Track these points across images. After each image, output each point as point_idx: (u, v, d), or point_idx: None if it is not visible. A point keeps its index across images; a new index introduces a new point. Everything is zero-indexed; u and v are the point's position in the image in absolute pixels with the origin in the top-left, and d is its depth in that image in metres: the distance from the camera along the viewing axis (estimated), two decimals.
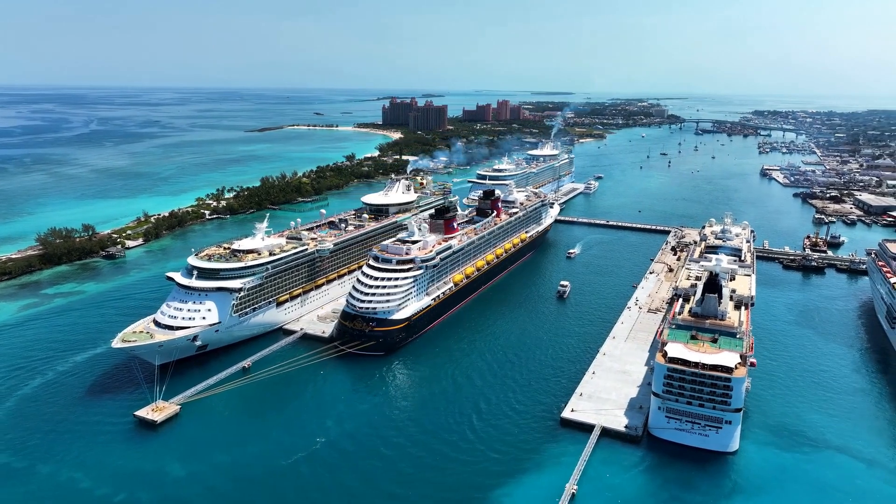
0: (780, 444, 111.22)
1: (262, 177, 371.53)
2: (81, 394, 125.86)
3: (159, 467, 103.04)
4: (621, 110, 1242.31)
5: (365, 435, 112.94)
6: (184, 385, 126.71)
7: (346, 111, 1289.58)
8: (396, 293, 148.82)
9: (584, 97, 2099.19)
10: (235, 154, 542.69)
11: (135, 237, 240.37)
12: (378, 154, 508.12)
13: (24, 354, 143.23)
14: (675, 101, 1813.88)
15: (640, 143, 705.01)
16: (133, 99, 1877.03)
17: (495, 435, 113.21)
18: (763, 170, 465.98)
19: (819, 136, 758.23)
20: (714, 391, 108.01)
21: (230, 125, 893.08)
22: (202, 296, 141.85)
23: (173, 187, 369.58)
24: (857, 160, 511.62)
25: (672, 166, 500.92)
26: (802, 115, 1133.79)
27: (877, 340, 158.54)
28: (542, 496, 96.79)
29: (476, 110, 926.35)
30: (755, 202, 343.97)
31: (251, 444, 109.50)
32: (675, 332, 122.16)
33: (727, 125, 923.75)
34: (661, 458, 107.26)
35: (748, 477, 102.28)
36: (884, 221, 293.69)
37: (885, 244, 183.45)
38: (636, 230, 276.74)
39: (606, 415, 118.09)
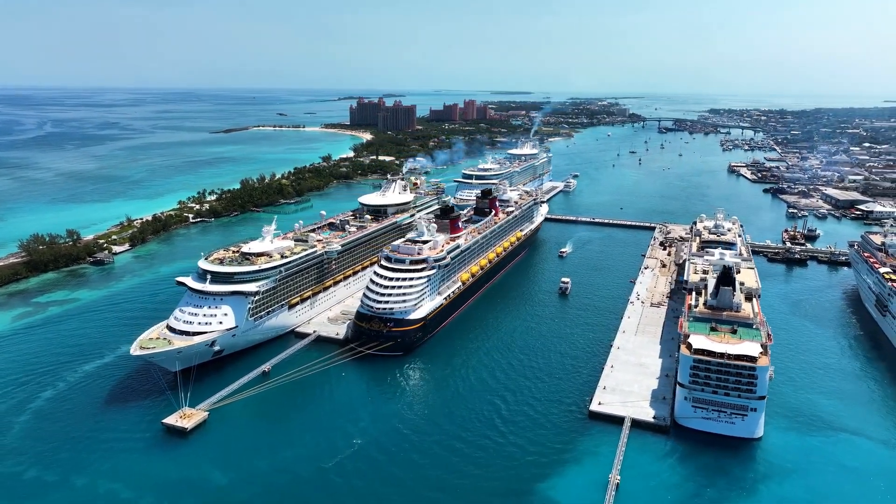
0: (800, 429, 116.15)
1: (237, 178, 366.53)
2: (100, 404, 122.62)
3: (199, 475, 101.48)
4: (584, 109, 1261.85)
5: (400, 436, 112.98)
6: (206, 391, 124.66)
7: (310, 112, 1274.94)
8: (412, 293, 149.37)
9: (542, 96, 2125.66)
10: (205, 156, 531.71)
11: (120, 242, 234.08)
12: (353, 155, 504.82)
13: (29, 366, 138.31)
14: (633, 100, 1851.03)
15: (608, 141, 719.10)
16: (84, 100, 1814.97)
17: (527, 431, 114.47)
18: (730, 167, 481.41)
19: (776, 134, 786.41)
20: (739, 380, 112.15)
21: (193, 126, 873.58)
22: (217, 300, 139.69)
23: (148, 191, 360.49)
24: (815, 156, 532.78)
25: (643, 164, 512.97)
26: (757, 114, 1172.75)
27: (868, 328, 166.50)
28: (586, 488, 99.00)
29: (443, 110, 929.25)
30: (729, 198, 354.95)
31: (288, 448, 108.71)
32: (694, 324, 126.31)
33: (688, 123, 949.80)
34: (691, 446, 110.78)
35: (776, 461, 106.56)
36: (852, 215, 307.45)
37: (867, 236, 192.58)
38: (622, 227, 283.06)
39: (633, 407, 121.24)
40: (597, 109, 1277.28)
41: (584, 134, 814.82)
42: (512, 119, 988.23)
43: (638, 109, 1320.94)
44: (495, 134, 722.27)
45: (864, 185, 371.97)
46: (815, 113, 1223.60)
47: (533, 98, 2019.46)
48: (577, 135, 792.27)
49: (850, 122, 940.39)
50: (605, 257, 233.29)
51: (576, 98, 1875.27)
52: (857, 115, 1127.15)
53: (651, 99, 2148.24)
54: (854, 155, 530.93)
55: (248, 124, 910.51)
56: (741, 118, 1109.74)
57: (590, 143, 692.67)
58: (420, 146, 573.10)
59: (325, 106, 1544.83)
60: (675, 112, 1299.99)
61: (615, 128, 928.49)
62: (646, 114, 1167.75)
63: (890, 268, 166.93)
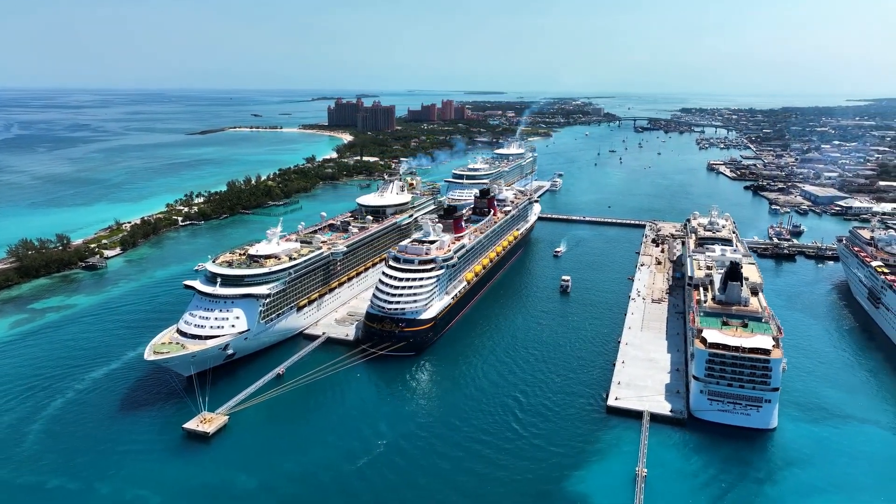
0: (811, 419, 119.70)
1: (220, 181, 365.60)
2: (115, 410, 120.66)
3: (228, 479, 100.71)
4: (560, 109, 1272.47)
5: (421, 437, 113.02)
6: (222, 395, 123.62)
7: (285, 112, 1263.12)
8: (423, 293, 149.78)
9: (516, 96, 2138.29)
10: (184, 158, 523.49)
11: (111, 246, 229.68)
12: (336, 156, 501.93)
13: (34, 374, 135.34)
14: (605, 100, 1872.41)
15: (586, 140, 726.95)
16: (49, 101, 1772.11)
17: (547, 428, 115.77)
18: (710, 164, 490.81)
19: (748, 132, 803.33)
20: (754, 372, 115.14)
21: (167, 128, 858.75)
22: (229, 303, 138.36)
23: (130, 194, 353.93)
24: (789, 154, 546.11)
25: (624, 163, 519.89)
26: (727, 112, 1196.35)
27: (860, 319, 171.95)
28: (615, 481, 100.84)
29: (421, 110, 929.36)
30: (712, 196, 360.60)
31: (312, 450, 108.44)
32: (705, 319, 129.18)
33: (662, 122, 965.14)
34: (709, 438, 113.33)
35: (792, 450, 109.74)
36: (832, 211, 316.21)
37: (856, 231, 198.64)
38: (612, 225, 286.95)
39: (648, 401, 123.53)
40: (572, 109, 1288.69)
41: (561, 133, 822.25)
42: (489, 119, 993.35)
43: (611, 109, 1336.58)
44: (475, 134, 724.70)
45: (840, 181, 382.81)
46: (783, 112, 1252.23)
47: (507, 98, 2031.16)
48: (555, 134, 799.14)
49: (817, 120, 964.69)
50: (600, 255, 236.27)
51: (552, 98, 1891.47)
52: (822, 113, 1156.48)
53: (622, 98, 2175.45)
54: (826, 153, 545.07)
55: (224, 125, 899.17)
56: (713, 117, 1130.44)
57: (569, 143, 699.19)
58: (402, 146, 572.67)
59: (300, 107, 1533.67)
60: (647, 111, 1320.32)
61: (592, 127, 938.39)
62: (619, 113, 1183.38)
63: (881, 261, 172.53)
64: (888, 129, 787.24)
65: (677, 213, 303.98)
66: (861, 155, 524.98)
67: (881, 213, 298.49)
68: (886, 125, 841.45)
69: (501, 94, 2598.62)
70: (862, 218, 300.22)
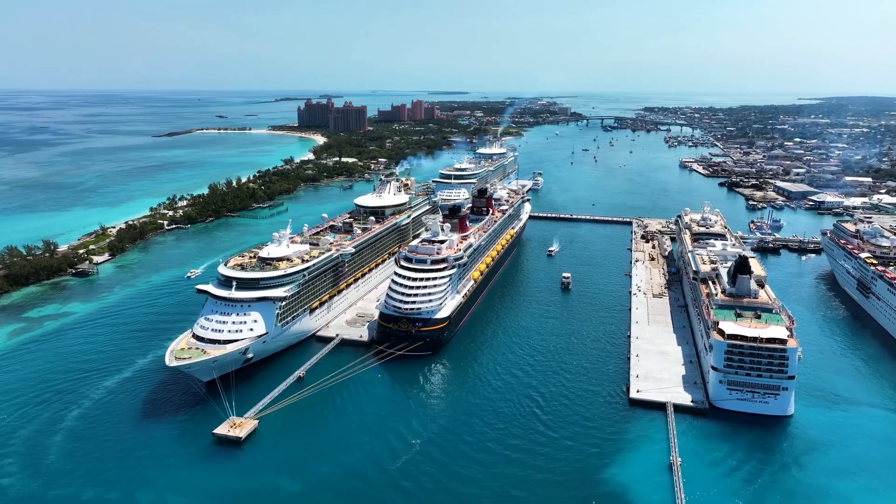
0: (823, 405, 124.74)
1: (198, 183, 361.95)
2: (137, 418, 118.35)
3: (268, 483, 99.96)
4: (527, 109, 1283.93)
5: (452, 435, 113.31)
6: (245, 399, 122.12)
7: (251, 114, 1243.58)
8: (437, 292, 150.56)
9: (479, 96, 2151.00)
10: (155, 161, 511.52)
11: (99, 252, 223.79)
12: (314, 157, 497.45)
13: (43, 384, 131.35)
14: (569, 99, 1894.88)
15: (557, 140, 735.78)
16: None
17: (575, 422, 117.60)
18: (682, 162, 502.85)
19: (711, 130, 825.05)
20: (771, 362, 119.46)
21: (131, 130, 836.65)
22: (245, 307, 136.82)
23: (107, 198, 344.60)
24: (756, 151, 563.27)
25: (598, 161, 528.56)
26: (690, 111, 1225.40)
27: (851, 309, 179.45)
28: (650, 471, 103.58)
29: (391, 110, 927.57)
30: (689, 192, 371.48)
31: (348, 452, 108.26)
32: (719, 311, 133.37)
33: (629, 121, 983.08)
34: (731, 426, 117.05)
35: (812, 435, 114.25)
36: (806, 205, 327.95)
37: (841, 225, 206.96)
38: (600, 222, 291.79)
39: (669, 392, 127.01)
40: (539, 109, 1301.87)
41: (532, 132, 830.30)
42: (459, 119, 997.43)
43: (576, 108, 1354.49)
44: (447, 134, 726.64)
45: (809, 177, 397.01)
46: (741, 110, 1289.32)
47: (471, 98, 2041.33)
48: (526, 133, 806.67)
49: (775, 118, 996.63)
50: (593, 252, 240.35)
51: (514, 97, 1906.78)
52: (778, 112, 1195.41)
53: (586, 98, 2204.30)
54: (790, 149, 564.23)
55: (188, 127, 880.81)
56: (676, 116, 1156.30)
57: (541, 142, 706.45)
58: (378, 147, 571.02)
59: (264, 108, 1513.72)
60: (611, 111, 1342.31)
61: (561, 126, 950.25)
62: (585, 112, 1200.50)
63: (869, 253, 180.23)
64: (842, 126, 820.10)
65: (660, 210, 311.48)
66: (822, 152, 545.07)
67: (852, 207, 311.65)
68: (840, 123, 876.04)
69: (465, 93, 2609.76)
70: (834, 212, 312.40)
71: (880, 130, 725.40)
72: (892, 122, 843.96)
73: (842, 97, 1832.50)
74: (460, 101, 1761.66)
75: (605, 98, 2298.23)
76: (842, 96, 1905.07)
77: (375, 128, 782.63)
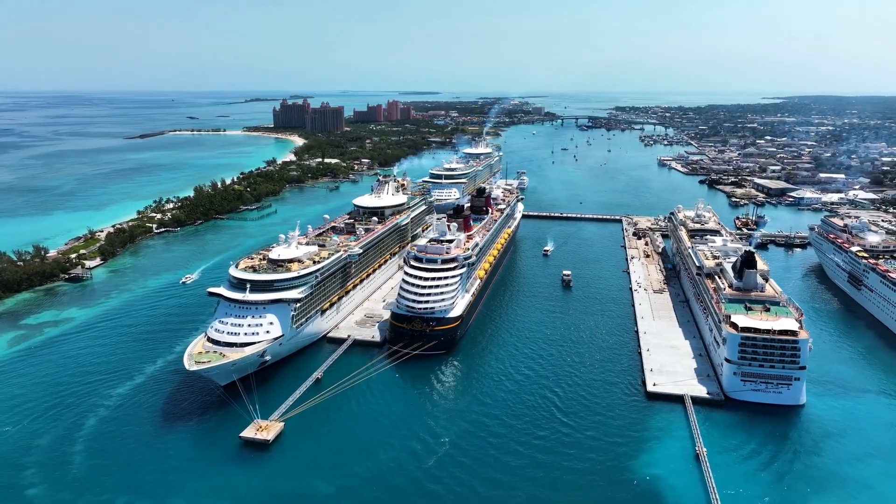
0: (832, 394, 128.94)
1: (180, 186, 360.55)
2: (158, 423, 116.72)
3: (303, 485, 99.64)
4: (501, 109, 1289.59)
5: (478, 436, 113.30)
6: (267, 402, 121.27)
7: (222, 115, 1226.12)
8: (449, 291, 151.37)
9: (451, 96, 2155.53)
10: (132, 163, 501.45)
11: (90, 256, 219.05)
12: (296, 158, 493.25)
13: (53, 392, 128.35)
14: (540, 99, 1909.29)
15: (534, 139, 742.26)
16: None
17: (595, 417, 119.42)
18: (660, 161, 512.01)
19: (683, 129, 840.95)
20: (784, 353, 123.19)
21: (101, 132, 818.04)
22: (261, 309, 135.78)
23: (88, 202, 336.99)
24: (730, 149, 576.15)
25: (579, 161, 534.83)
26: (660, 110, 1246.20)
27: (843, 301, 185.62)
28: (678, 461, 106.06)
29: (367, 111, 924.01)
30: (672, 190, 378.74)
31: (380, 451, 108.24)
32: (730, 305, 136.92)
33: (603, 121, 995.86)
34: (748, 416, 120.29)
35: (825, 423, 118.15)
36: (786, 202, 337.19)
37: (829, 220, 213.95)
38: (590, 220, 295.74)
39: (684, 385, 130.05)
40: (512, 108, 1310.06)
41: (509, 132, 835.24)
42: (434, 119, 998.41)
43: (549, 108, 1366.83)
44: (425, 134, 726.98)
45: (786, 174, 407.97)
46: (709, 109, 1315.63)
47: (442, 98, 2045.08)
48: (504, 133, 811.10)
49: (743, 117, 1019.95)
50: (588, 250, 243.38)
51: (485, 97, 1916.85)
52: (745, 110, 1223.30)
53: (556, 97, 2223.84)
54: (762, 147, 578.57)
55: (158, 129, 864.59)
56: (647, 115, 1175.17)
57: (519, 142, 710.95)
58: (359, 147, 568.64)
59: (234, 108, 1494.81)
60: (582, 110, 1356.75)
61: (536, 126, 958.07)
62: (557, 112, 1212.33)
63: (859, 247, 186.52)
64: (808, 124, 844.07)
65: (646, 208, 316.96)
66: (794, 150, 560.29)
67: (830, 203, 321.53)
68: (807, 121, 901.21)
69: (436, 93, 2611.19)
70: (813, 208, 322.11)
71: (845, 128, 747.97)
72: (854, 121, 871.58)
73: (803, 96, 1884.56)
74: (433, 101, 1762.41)
75: (576, 98, 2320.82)
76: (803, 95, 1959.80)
77: (353, 128, 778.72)
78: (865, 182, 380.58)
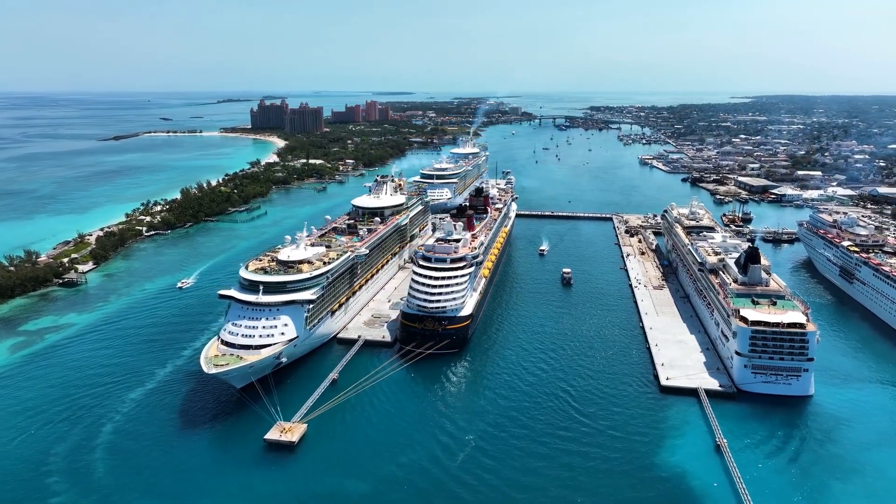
0: (838, 384, 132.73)
1: (161, 188, 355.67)
2: (178, 428, 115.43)
3: (335, 485, 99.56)
4: (475, 108, 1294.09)
5: (499, 435, 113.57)
6: (286, 403, 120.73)
7: (196, 115, 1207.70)
8: (460, 290, 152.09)
9: (426, 96, 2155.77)
10: (110, 165, 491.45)
11: (83, 261, 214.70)
12: (279, 159, 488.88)
13: (63, 399, 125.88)
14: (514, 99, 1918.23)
15: (514, 139, 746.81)
16: None
17: (613, 412, 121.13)
18: (641, 159, 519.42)
19: (658, 128, 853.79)
20: (793, 345, 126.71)
21: (73, 134, 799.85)
22: (274, 311, 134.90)
23: (70, 205, 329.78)
24: (708, 148, 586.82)
25: (561, 160, 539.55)
26: (635, 110, 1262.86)
27: (835, 294, 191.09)
28: (700, 452, 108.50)
29: (346, 111, 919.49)
30: (656, 188, 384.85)
31: (406, 451, 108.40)
32: (737, 300, 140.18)
33: (580, 120, 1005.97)
34: (760, 407, 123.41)
35: (835, 412, 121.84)
36: (769, 199, 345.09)
37: (817, 216, 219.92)
38: (581, 219, 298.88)
39: (696, 378, 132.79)
40: (489, 109, 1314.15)
41: (488, 132, 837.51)
42: (412, 119, 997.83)
43: (525, 108, 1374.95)
44: (405, 135, 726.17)
45: (765, 172, 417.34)
46: (681, 109, 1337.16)
47: (417, 98, 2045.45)
48: (483, 133, 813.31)
49: (716, 116, 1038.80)
50: (583, 249, 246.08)
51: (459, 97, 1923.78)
52: (717, 109, 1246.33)
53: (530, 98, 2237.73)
54: (738, 146, 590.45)
55: (134, 130, 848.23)
56: (622, 115, 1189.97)
57: (500, 141, 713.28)
58: (341, 148, 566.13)
59: (207, 109, 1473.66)
60: (557, 110, 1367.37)
61: (514, 126, 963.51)
62: (533, 112, 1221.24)
63: (850, 241, 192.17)
64: (780, 123, 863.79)
65: (634, 206, 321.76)
66: (769, 148, 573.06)
67: (811, 200, 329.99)
68: (777, 120, 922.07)
69: (411, 94, 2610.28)
70: (795, 204, 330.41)
71: (815, 127, 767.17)
72: (822, 120, 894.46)
73: (771, 95, 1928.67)
74: (408, 101, 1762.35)
75: (550, 98, 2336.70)
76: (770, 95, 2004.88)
77: (332, 129, 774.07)
78: (842, 179, 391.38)
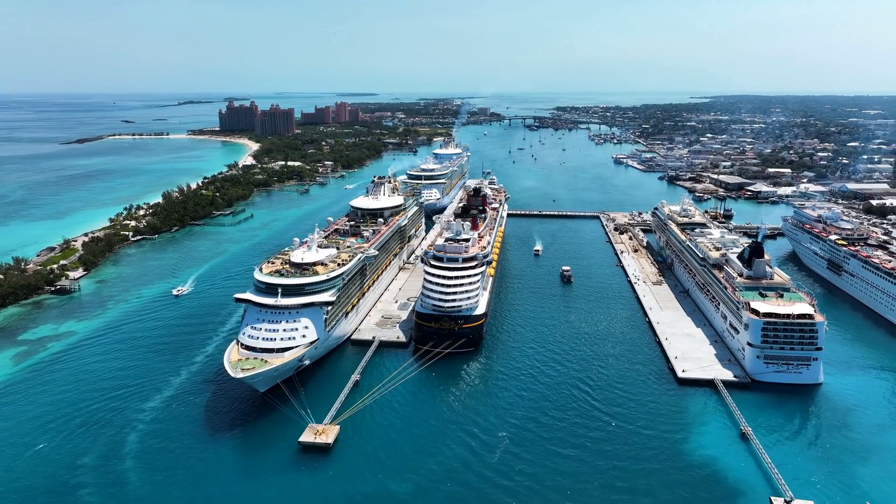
0: (844, 371, 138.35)
1: (138, 192, 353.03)
2: (207, 434, 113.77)
3: (378, 486, 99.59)
4: (445, 110, 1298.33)
5: (530, 430, 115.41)
6: (315, 406, 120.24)
7: (160, 118, 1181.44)
8: (473, 289, 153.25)
9: (390, 97, 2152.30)
10: (79, 169, 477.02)
11: (72, 267, 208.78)
12: (255, 161, 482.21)
13: (78, 409, 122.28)
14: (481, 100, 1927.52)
15: (487, 139, 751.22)
16: None
17: (635, 405, 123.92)
18: (616, 158, 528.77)
19: (629, 128, 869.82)
20: (803, 335, 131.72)
21: (33, 137, 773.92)
22: (294, 313, 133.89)
23: (44, 211, 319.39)
24: (678, 147, 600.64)
25: (538, 160, 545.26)
26: (601, 110, 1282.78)
27: (825, 286, 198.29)
28: (727, 440, 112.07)
29: (315, 113, 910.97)
30: (636, 187, 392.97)
31: (442, 449, 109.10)
32: (746, 293, 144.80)
33: (549, 121, 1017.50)
34: (775, 396, 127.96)
35: (846, 398, 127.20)
36: (745, 195, 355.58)
37: (801, 211, 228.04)
38: (569, 218, 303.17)
39: (710, 370, 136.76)
40: (456, 110, 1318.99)
41: (461, 133, 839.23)
42: (382, 120, 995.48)
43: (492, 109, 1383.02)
44: (379, 136, 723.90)
45: (738, 170, 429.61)
46: (644, 109, 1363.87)
47: (381, 99, 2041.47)
48: (456, 134, 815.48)
49: (679, 115, 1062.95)
50: (576, 247, 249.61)
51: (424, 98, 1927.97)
52: (679, 109, 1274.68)
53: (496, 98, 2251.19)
54: (707, 144, 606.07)
55: (98, 133, 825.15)
56: (589, 115, 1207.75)
57: (473, 142, 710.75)
58: (316, 150, 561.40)
59: (168, 112, 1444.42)
60: (524, 110, 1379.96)
61: (485, 126, 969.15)
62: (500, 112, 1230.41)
63: (836, 235, 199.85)
64: (742, 122, 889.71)
65: (617, 204, 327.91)
66: (737, 146, 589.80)
67: (785, 196, 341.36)
68: (740, 119, 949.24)
69: (374, 94, 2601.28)
70: (771, 201, 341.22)
71: (776, 126, 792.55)
72: (782, 119, 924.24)
73: (728, 95, 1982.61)
74: (374, 102, 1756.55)
75: (515, 99, 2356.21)
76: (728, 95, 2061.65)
77: (303, 130, 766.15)
78: (811, 175, 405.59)
